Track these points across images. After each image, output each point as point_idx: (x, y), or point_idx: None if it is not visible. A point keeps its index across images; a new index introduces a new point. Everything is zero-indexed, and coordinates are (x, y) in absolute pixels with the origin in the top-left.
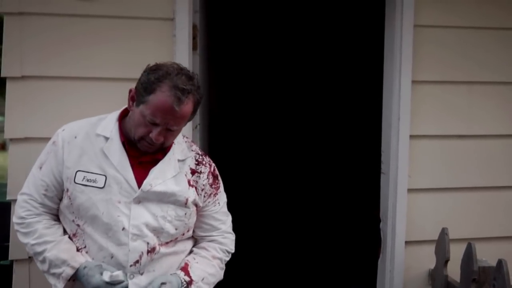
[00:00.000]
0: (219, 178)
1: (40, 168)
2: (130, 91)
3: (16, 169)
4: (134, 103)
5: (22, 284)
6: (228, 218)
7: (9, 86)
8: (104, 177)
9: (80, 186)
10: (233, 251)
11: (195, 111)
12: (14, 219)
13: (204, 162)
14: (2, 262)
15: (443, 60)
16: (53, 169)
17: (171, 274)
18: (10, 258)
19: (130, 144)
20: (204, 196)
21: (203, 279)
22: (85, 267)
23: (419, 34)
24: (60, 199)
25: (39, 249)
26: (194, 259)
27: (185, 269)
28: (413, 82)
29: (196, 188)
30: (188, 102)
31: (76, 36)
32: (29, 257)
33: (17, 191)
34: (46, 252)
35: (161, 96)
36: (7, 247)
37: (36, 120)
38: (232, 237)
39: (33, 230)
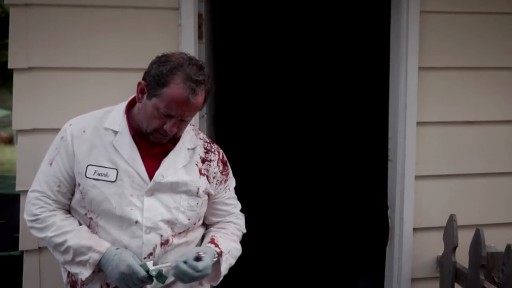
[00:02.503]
0: (228, 164)
1: (50, 164)
2: (139, 84)
3: (24, 160)
4: (144, 96)
5: (33, 274)
6: (237, 201)
7: (16, 77)
8: (115, 171)
9: (92, 180)
10: (245, 231)
11: (206, 100)
12: (26, 216)
13: (212, 150)
14: (12, 252)
15: (450, 46)
16: (64, 164)
17: (205, 246)
18: (20, 248)
19: (140, 136)
20: (216, 184)
21: (229, 251)
22: (117, 248)
23: (426, 20)
24: (72, 194)
25: (59, 240)
26: (218, 234)
27: (213, 242)
28: (420, 68)
29: (207, 176)
30: (202, 92)
31: (81, 27)
32: (39, 247)
33: (25, 182)
34: (68, 242)
35: (176, 88)
36: (17, 238)
37: (43, 111)
38: (243, 218)
39: (49, 223)
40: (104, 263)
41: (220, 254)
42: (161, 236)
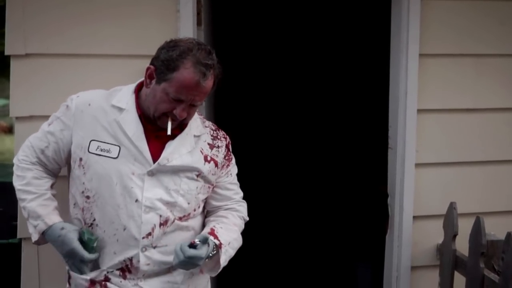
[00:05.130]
0: (231, 150)
1: (49, 125)
2: (148, 69)
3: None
4: (153, 81)
5: (31, 262)
6: (239, 189)
7: (13, 64)
8: (118, 148)
9: (94, 155)
10: (247, 219)
11: (214, 85)
12: (14, 159)
13: (219, 137)
14: (10, 240)
15: (451, 32)
16: (58, 132)
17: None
18: (18, 236)
19: (146, 118)
20: (221, 169)
21: (229, 243)
22: (62, 228)
23: (426, 7)
24: (58, 163)
25: (22, 196)
26: (218, 224)
27: (212, 233)
28: (421, 55)
29: (216, 162)
30: (211, 76)
31: (79, 13)
32: None
33: None
34: (26, 202)
35: (186, 73)
36: (16, 226)
37: (41, 98)
38: (245, 205)
39: (23, 175)
40: (48, 238)
41: (219, 246)
42: (160, 216)
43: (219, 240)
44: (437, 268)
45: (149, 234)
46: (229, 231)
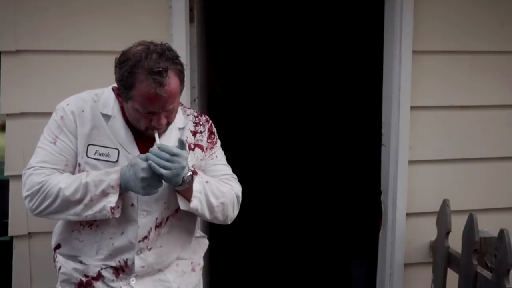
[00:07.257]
0: (215, 133)
1: (54, 143)
2: (113, 89)
3: (13, 144)
4: (123, 100)
5: (22, 260)
6: (230, 170)
7: (3, 61)
8: (117, 151)
9: (93, 160)
10: (240, 197)
11: (182, 81)
12: (27, 192)
13: (201, 122)
14: (1, 238)
15: (445, 30)
16: (71, 142)
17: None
18: (9, 234)
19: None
20: (205, 152)
21: (207, 182)
22: (128, 164)
23: (420, 3)
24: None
25: (73, 185)
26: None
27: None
28: (414, 52)
29: (201, 147)
30: (170, 79)
31: (70, 8)
32: (29, 233)
33: (14, 166)
34: (84, 178)
35: (143, 87)
36: (7, 223)
37: (32, 94)
38: (238, 185)
39: (59, 179)
40: (125, 183)
41: (194, 173)
42: (156, 218)
43: (196, 173)
44: (430, 265)
45: (145, 237)
46: (212, 178)
